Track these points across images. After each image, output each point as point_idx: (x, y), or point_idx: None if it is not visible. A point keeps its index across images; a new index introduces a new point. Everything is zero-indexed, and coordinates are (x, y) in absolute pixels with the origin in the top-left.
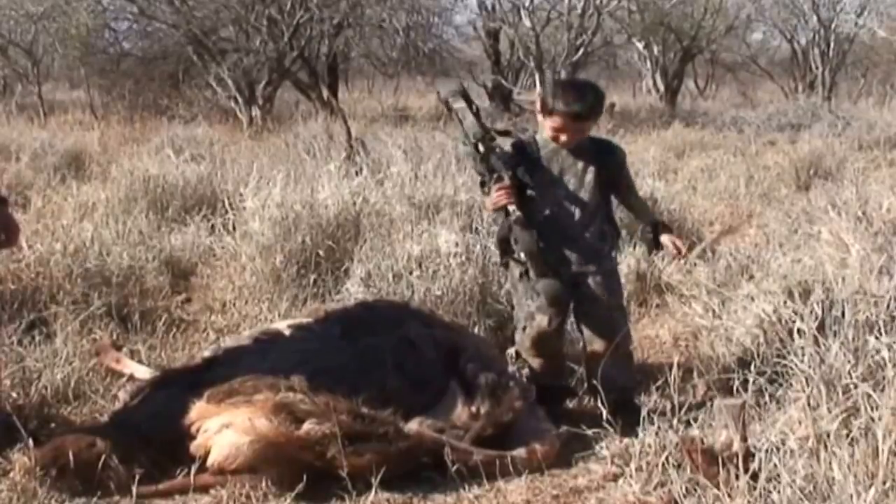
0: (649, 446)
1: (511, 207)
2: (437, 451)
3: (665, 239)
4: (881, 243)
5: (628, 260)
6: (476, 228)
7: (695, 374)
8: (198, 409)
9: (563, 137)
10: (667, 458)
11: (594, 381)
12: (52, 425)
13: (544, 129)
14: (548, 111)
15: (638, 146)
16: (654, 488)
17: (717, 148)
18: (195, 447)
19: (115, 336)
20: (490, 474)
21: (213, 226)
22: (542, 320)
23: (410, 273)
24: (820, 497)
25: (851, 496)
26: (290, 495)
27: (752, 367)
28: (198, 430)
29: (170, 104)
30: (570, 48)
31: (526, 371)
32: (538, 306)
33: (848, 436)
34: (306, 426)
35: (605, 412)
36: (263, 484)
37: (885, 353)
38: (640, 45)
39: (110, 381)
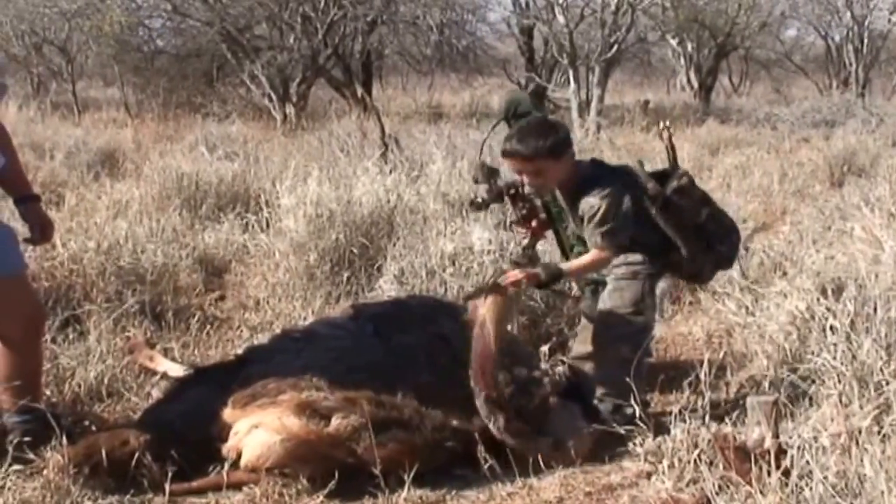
0: (682, 443)
1: (523, 240)
2: (465, 439)
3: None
4: None
5: None
6: (510, 226)
7: (728, 371)
8: (224, 414)
9: (526, 180)
10: (699, 456)
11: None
12: (86, 423)
13: None
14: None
15: None
16: (687, 485)
17: (751, 145)
18: (226, 449)
19: (148, 334)
20: (523, 471)
21: (246, 223)
22: None
23: (444, 270)
24: (851, 494)
25: (883, 493)
26: (323, 493)
27: (785, 365)
28: (227, 434)
29: (204, 102)
30: (604, 45)
31: (560, 369)
32: None
33: (880, 432)
34: (335, 422)
35: (637, 410)
36: (296, 482)
37: None
38: (674, 42)
39: (144, 379)
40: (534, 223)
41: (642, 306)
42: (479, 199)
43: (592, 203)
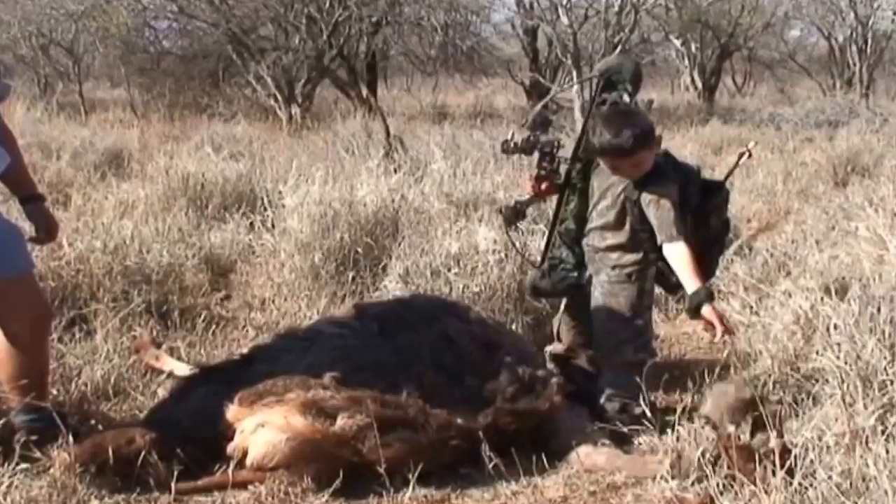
0: (686, 443)
1: (525, 197)
2: (470, 438)
3: (706, 311)
4: None
5: None
6: (516, 225)
7: (732, 370)
8: (231, 412)
9: (622, 174)
10: (703, 455)
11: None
12: (92, 422)
13: None
14: (593, 150)
15: (676, 143)
16: (692, 485)
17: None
18: (232, 448)
19: (154, 333)
20: (527, 470)
21: (252, 223)
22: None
23: (449, 270)
24: (856, 493)
25: (887, 492)
26: (328, 492)
27: (789, 364)
28: (233, 432)
29: (209, 102)
30: (608, 46)
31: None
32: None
33: (884, 432)
34: (340, 421)
35: (646, 409)
36: (302, 481)
37: None
38: (677, 43)
39: (150, 378)
40: (544, 186)
41: (640, 308)
42: (513, 143)
43: (668, 192)
